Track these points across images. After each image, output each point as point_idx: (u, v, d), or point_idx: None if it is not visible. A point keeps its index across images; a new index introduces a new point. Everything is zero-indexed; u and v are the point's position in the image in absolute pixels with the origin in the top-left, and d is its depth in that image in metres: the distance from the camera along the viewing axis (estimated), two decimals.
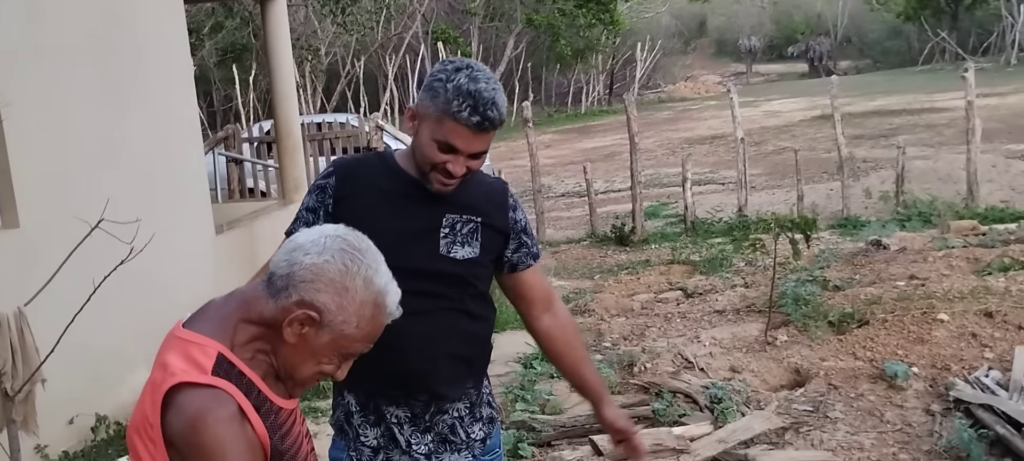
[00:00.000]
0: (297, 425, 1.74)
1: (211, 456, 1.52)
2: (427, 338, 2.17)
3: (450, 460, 2.31)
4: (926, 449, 4.50)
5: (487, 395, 2.40)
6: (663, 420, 5.11)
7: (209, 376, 1.55)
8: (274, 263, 1.65)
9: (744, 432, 4.43)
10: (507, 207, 2.29)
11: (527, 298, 2.37)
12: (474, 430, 2.33)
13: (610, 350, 6.48)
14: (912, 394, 5.04)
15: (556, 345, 2.40)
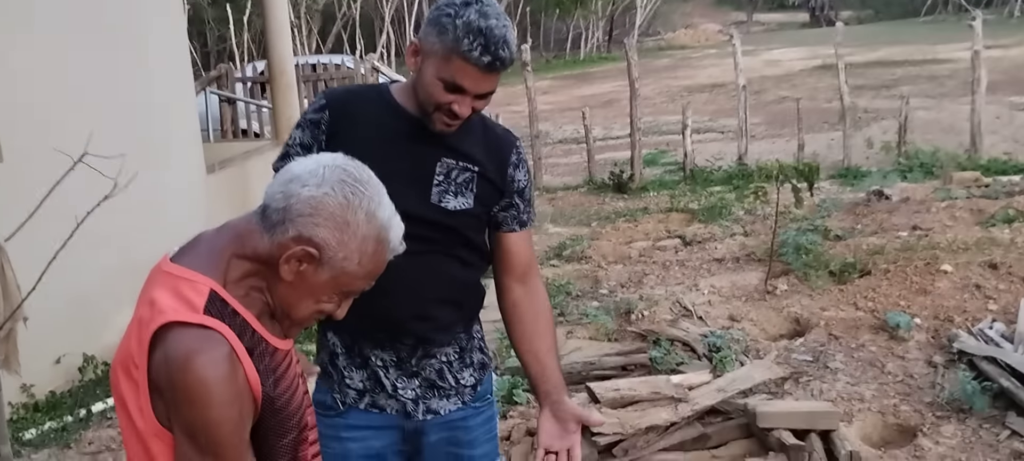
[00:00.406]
0: (292, 368, 1.63)
1: (194, 400, 1.42)
2: (415, 281, 2.05)
3: (438, 405, 2.21)
4: (928, 401, 4.43)
5: (479, 341, 2.29)
6: (660, 368, 5.03)
7: (201, 315, 1.45)
8: (268, 194, 1.53)
9: (744, 381, 4.34)
10: (508, 163, 2.14)
11: (503, 263, 2.21)
12: (464, 376, 2.22)
13: (607, 297, 6.40)
14: (914, 345, 4.96)
15: (523, 324, 2.20)
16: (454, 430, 2.24)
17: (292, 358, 1.66)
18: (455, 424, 2.24)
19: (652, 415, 4.13)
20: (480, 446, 2.29)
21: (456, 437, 2.25)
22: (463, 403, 2.23)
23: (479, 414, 2.27)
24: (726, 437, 4.18)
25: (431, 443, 2.25)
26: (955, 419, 4.23)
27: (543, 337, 2.18)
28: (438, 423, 2.23)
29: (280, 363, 1.58)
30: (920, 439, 4.15)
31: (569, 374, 5.04)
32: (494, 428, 2.35)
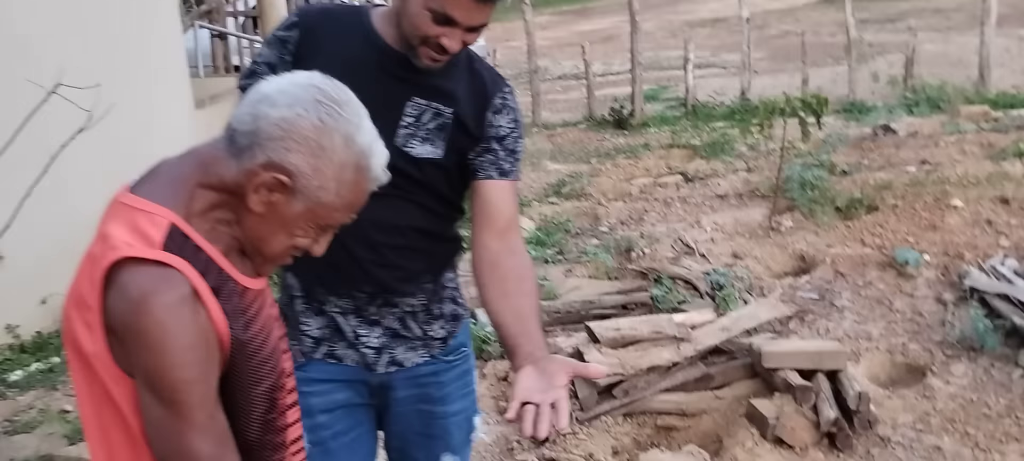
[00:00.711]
0: (265, 309, 1.48)
1: (151, 346, 1.27)
2: (373, 225, 1.87)
3: (404, 356, 2.05)
4: (938, 339, 4.30)
5: (452, 291, 2.11)
6: (662, 307, 4.90)
7: (159, 251, 1.29)
8: (235, 117, 1.37)
9: (749, 320, 4.21)
10: (489, 107, 1.93)
11: (480, 215, 1.96)
12: (433, 328, 2.06)
13: (607, 235, 6.25)
14: (923, 282, 4.83)
15: (504, 284, 1.89)
16: (424, 386, 2.09)
17: (265, 299, 1.50)
18: (425, 379, 2.09)
19: (653, 355, 4.01)
20: (454, 402, 2.14)
21: (427, 393, 2.10)
22: (432, 356, 2.07)
23: (452, 368, 2.12)
24: (730, 377, 4.06)
25: (399, 398, 2.09)
26: (966, 358, 4.11)
27: (527, 297, 1.89)
28: (405, 377, 2.07)
29: (251, 304, 1.43)
30: (929, 378, 4.03)
31: (567, 313, 4.92)
32: (470, 383, 2.20)
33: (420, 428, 2.14)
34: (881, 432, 3.62)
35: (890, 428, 3.65)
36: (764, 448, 3.60)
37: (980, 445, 3.50)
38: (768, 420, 3.64)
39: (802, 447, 3.59)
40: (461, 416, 2.17)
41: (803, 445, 3.59)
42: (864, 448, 3.55)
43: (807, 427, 3.61)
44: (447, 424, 2.14)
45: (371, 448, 2.19)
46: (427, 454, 2.17)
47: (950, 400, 3.83)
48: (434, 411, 2.13)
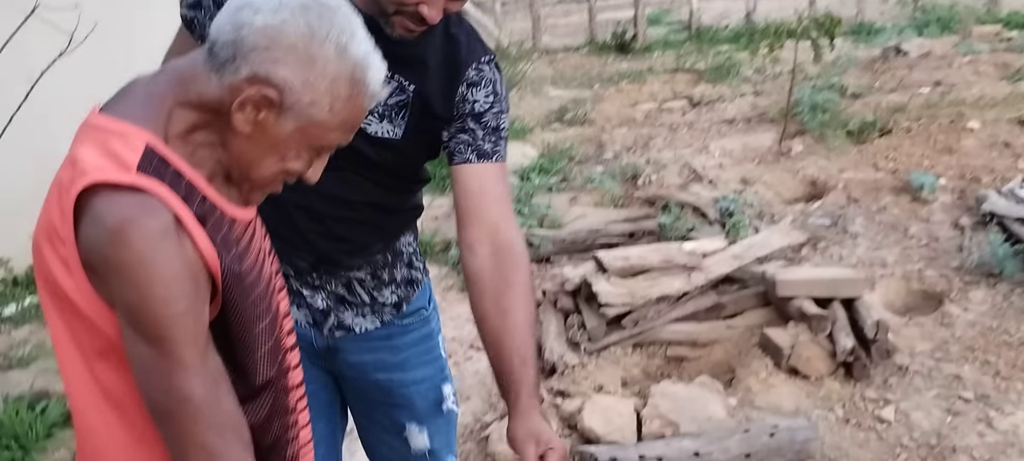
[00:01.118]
0: (256, 240, 1.34)
1: (132, 280, 1.14)
2: (320, 196, 1.68)
3: (352, 320, 1.91)
4: (955, 265, 4.19)
5: (409, 255, 1.95)
6: (670, 235, 4.78)
7: (133, 174, 1.15)
8: (215, 26, 1.22)
9: (761, 247, 4.09)
10: (460, 80, 1.67)
11: (460, 207, 1.70)
12: (383, 294, 1.91)
13: (612, 162, 6.10)
14: (939, 207, 4.70)
15: (492, 301, 1.64)
16: (377, 351, 1.94)
17: (256, 229, 1.37)
18: (377, 345, 1.94)
19: (663, 284, 3.89)
20: (415, 368, 1.99)
21: (381, 359, 1.95)
22: (382, 322, 1.92)
23: (408, 332, 1.97)
24: (742, 306, 3.95)
25: (351, 364, 1.93)
26: (984, 284, 4.00)
27: (519, 327, 1.62)
28: (355, 342, 1.93)
29: (241, 235, 1.29)
30: (947, 305, 3.92)
31: (572, 243, 4.79)
32: (433, 349, 2.03)
33: (379, 396, 2.00)
34: (899, 361, 3.52)
35: (908, 357, 3.55)
36: (778, 378, 3.51)
37: (1001, 373, 3.41)
38: (783, 350, 3.54)
39: (817, 377, 3.49)
40: (425, 385, 2.00)
41: (818, 375, 3.50)
42: (881, 378, 3.45)
43: (823, 357, 3.51)
44: (408, 393, 1.99)
45: (328, 410, 2.04)
46: (391, 423, 2.03)
47: (969, 328, 3.72)
48: (392, 378, 1.97)
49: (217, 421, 1.22)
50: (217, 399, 1.23)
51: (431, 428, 2.05)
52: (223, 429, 1.23)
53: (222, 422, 1.23)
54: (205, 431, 1.21)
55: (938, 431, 3.15)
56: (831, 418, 3.30)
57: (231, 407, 1.26)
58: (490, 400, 3.61)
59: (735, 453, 3.00)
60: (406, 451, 2.07)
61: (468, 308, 1.77)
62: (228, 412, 1.25)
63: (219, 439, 1.22)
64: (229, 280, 1.24)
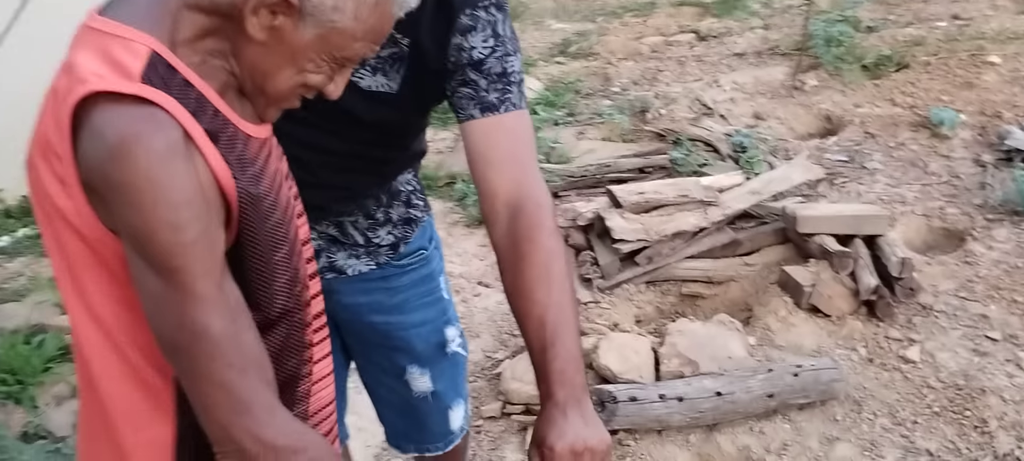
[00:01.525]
0: (273, 161, 1.21)
1: (138, 203, 1.01)
2: (303, 146, 1.51)
3: (345, 262, 1.78)
4: (977, 203, 4.07)
5: (408, 194, 1.81)
6: (681, 170, 4.64)
7: (137, 84, 1.02)
8: None
9: (780, 183, 3.96)
10: (454, 28, 1.47)
11: (475, 172, 1.47)
12: (377, 235, 1.78)
13: (620, 96, 5.93)
14: (959, 143, 4.56)
15: (514, 275, 1.39)
16: (373, 293, 1.82)
17: (272, 148, 1.23)
18: (372, 286, 1.81)
19: (679, 220, 3.77)
20: (414, 311, 1.86)
21: (377, 301, 1.82)
22: (377, 264, 1.80)
23: (407, 272, 1.84)
24: (759, 243, 3.84)
25: (345, 306, 1.80)
26: (1008, 222, 3.89)
27: (531, 297, 1.36)
28: (349, 284, 1.79)
29: (256, 154, 1.16)
30: (970, 244, 3.81)
31: (582, 178, 4.65)
32: (434, 290, 1.90)
33: (378, 339, 1.88)
34: (922, 300, 3.42)
35: (931, 296, 3.45)
36: (799, 317, 3.41)
37: None
38: (803, 288, 3.43)
39: (839, 316, 3.39)
40: (426, 327, 1.89)
41: (840, 314, 3.40)
42: (905, 317, 3.35)
43: (845, 295, 3.41)
44: (408, 336, 1.87)
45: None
46: (391, 365, 1.92)
47: (994, 266, 3.61)
48: (390, 321, 1.85)
49: (237, 357, 1.10)
50: (236, 333, 1.11)
51: (434, 371, 1.95)
52: (245, 366, 1.11)
53: (243, 358, 1.11)
54: (224, 368, 1.09)
55: (965, 372, 3.05)
56: (854, 358, 3.20)
57: (252, 342, 1.13)
58: (500, 337, 3.51)
59: (758, 393, 2.90)
60: (408, 393, 1.96)
61: (475, 243, 1.66)
62: (249, 347, 1.13)
63: (240, 377, 1.10)
64: (245, 204, 1.11)
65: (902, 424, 2.86)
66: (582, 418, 1.31)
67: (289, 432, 1.14)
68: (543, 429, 1.31)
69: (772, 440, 2.83)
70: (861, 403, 2.96)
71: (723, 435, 2.86)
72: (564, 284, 1.38)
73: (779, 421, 2.90)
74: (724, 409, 2.88)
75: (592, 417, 1.33)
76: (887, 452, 2.74)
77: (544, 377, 1.33)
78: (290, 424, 1.16)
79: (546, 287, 1.36)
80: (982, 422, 2.80)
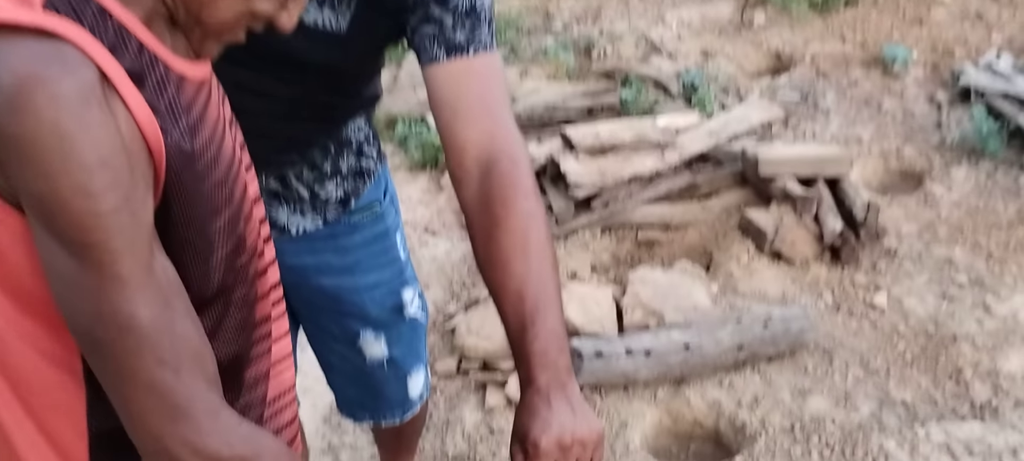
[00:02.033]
0: (213, 107, 0.97)
1: (42, 164, 0.79)
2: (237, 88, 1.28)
3: (287, 219, 1.58)
4: (934, 143, 3.99)
5: (359, 142, 1.61)
6: (632, 110, 4.46)
7: (39, 12, 0.79)
8: None
9: (739, 123, 3.81)
10: None
11: (439, 123, 1.28)
12: (325, 188, 1.57)
13: (562, 33, 5.70)
14: (912, 82, 4.47)
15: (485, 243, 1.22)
16: (320, 253, 1.62)
17: (213, 93, 0.99)
18: (320, 246, 1.61)
19: (636, 163, 3.60)
20: (367, 272, 1.67)
21: (326, 262, 1.63)
22: (326, 221, 1.59)
23: (358, 230, 1.64)
24: (717, 186, 3.70)
25: (289, 267, 1.56)
26: (966, 162, 3.82)
27: (508, 268, 1.18)
28: (293, 244, 1.59)
29: (193, 99, 0.92)
30: (928, 185, 3.74)
31: (529, 119, 4.44)
32: (390, 248, 1.70)
33: (327, 303, 1.68)
34: (886, 243, 3.32)
35: (895, 239, 3.36)
36: (761, 263, 3.28)
37: (994, 256, 3.24)
38: (765, 233, 3.31)
39: (803, 261, 3.28)
40: (380, 290, 1.69)
41: (804, 259, 3.28)
42: (870, 262, 3.26)
43: (808, 240, 3.29)
44: (360, 300, 1.68)
45: None
46: (342, 331, 1.73)
47: (955, 208, 3.54)
48: (341, 284, 1.65)
49: (171, 353, 0.88)
50: (170, 323, 0.88)
51: (390, 336, 1.75)
52: (180, 363, 0.88)
53: (178, 353, 0.88)
54: (153, 366, 0.86)
55: (935, 318, 2.97)
56: (821, 305, 3.10)
57: (189, 332, 0.90)
58: (451, 288, 3.31)
59: (727, 345, 2.77)
60: (361, 361, 1.76)
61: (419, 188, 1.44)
62: (186, 339, 0.90)
63: (174, 377, 0.88)
64: (176, 162, 0.87)
65: (875, 373, 2.76)
66: (569, 406, 1.14)
67: (237, 439, 0.92)
68: (526, 421, 1.14)
69: (743, 393, 2.70)
70: (831, 353, 2.85)
71: (692, 389, 2.73)
72: (544, 251, 1.21)
73: (749, 373, 2.78)
74: (693, 362, 2.74)
75: (580, 404, 1.16)
76: (862, 404, 2.64)
77: (524, 359, 1.16)
78: (237, 429, 0.93)
79: (524, 256, 1.19)
80: (957, 371, 2.72)
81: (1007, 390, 2.63)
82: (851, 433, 2.51)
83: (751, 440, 2.53)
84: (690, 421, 2.69)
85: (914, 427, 2.52)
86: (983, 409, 2.57)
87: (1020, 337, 2.84)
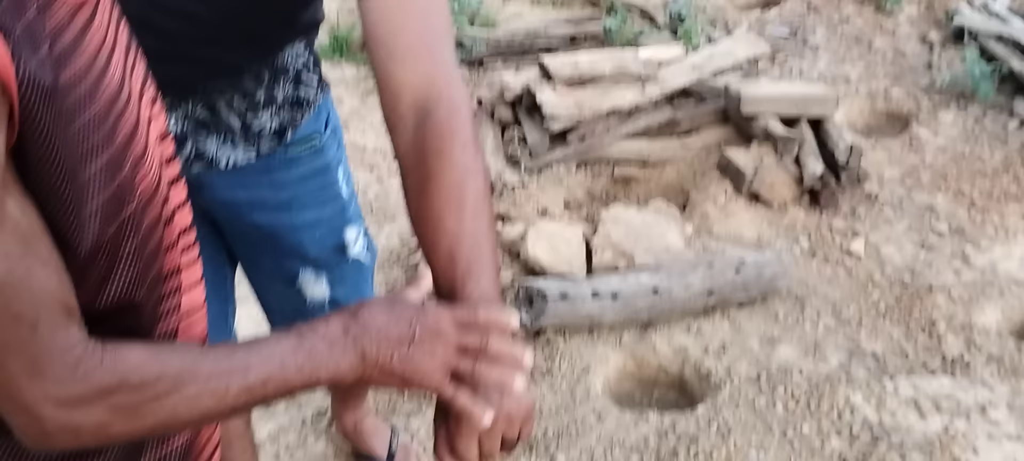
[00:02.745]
0: (95, 30, 0.84)
1: None
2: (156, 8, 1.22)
3: (216, 151, 1.46)
4: (923, 84, 3.87)
5: (297, 70, 1.49)
6: (616, 40, 4.32)
7: None
8: None
9: (724, 58, 3.68)
10: None
11: (374, 64, 1.15)
12: (258, 119, 1.45)
13: None
14: (905, 20, 4.34)
15: (409, 204, 1.12)
16: (254, 188, 1.51)
17: (98, 15, 0.86)
18: (252, 180, 1.50)
19: (615, 96, 3.48)
20: (305, 209, 1.56)
21: (260, 198, 1.52)
22: (259, 154, 1.48)
23: (295, 164, 1.53)
24: (698, 123, 3.58)
25: (221, 203, 1.49)
26: (955, 105, 3.71)
27: (440, 226, 1.08)
28: (223, 177, 1.48)
29: (63, 24, 0.80)
30: (915, 128, 3.63)
31: (509, 45, 4.30)
32: (333, 184, 1.59)
33: (263, 241, 1.59)
34: (867, 188, 3.23)
35: (876, 184, 3.27)
36: (738, 205, 3.19)
37: (976, 204, 3.16)
38: (744, 173, 3.21)
39: (781, 204, 3.19)
40: (320, 228, 1.60)
41: (782, 202, 3.19)
42: (849, 207, 3.17)
43: (788, 182, 3.20)
44: (298, 238, 1.58)
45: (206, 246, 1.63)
46: (279, 270, 1.64)
47: (940, 153, 3.44)
48: (277, 221, 1.55)
49: (28, 305, 0.77)
50: (28, 273, 0.77)
51: (332, 276, 1.65)
52: (36, 314, 0.78)
53: (35, 304, 0.78)
54: (8, 324, 0.76)
55: (912, 267, 2.90)
56: (796, 250, 3.02)
57: (49, 282, 0.79)
58: None
59: (697, 290, 2.69)
60: (300, 302, 1.66)
61: None
62: (44, 288, 0.79)
63: (30, 331, 0.77)
64: (31, 97, 0.74)
65: (847, 323, 2.69)
66: None
67: (98, 374, 0.81)
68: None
69: (710, 340, 2.63)
70: (803, 300, 2.78)
71: (658, 334, 2.66)
72: (480, 209, 1.10)
73: (718, 319, 2.71)
74: (661, 307, 2.67)
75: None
76: (831, 354, 2.57)
77: (470, 280, 1.07)
78: (99, 366, 0.83)
79: (457, 213, 1.08)
80: (930, 323, 2.65)
81: (980, 345, 2.57)
82: (818, 385, 2.45)
83: (715, 389, 2.47)
84: (655, 367, 2.62)
85: (883, 380, 2.45)
86: (954, 364, 2.51)
87: (997, 290, 2.76)
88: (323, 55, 4.08)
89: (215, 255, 1.66)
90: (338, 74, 4.07)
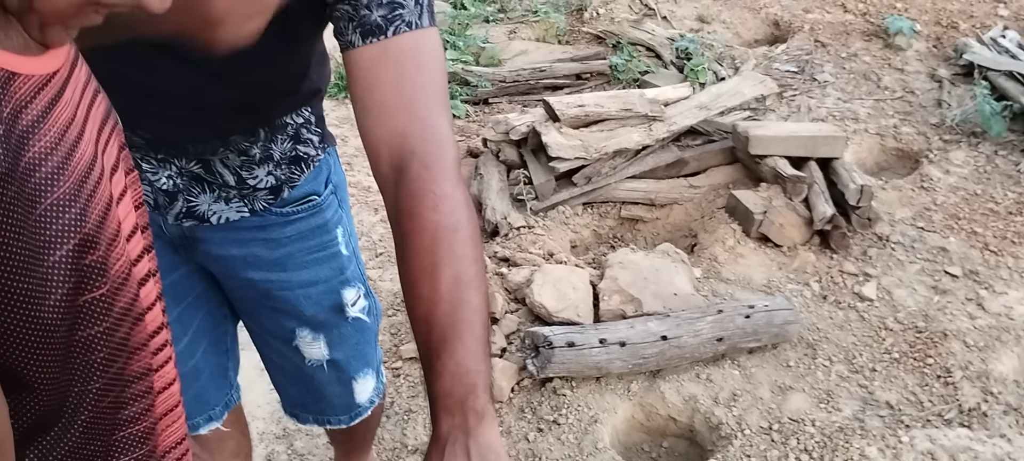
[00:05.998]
0: (64, 106, 0.77)
1: None
2: (148, 75, 1.18)
3: (209, 207, 1.42)
4: (933, 122, 3.83)
5: (297, 127, 1.43)
6: (622, 77, 4.31)
7: None
8: None
9: (731, 97, 3.64)
10: None
11: (358, 124, 1.12)
12: (254, 175, 1.40)
13: None
14: (914, 56, 4.30)
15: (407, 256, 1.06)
16: (248, 245, 1.46)
17: (68, 90, 0.80)
18: (247, 236, 1.46)
19: (621, 137, 3.44)
20: (301, 269, 1.51)
21: (254, 255, 1.47)
22: (253, 211, 1.43)
23: (291, 222, 1.47)
24: (706, 163, 3.55)
25: (215, 258, 1.45)
26: (966, 144, 3.66)
27: (429, 288, 1.03)
28: (217, 233, 1.44)
29: (25, 100, 0.73)
30: (925, 167, 3.58)
31: (515, 83, 4.28)
32: (331, 243, 1.53)
33: (258, 297, 1.54)
34: (878, 230, 3.18)
35: (887, 225, 3.22)
36: (747, 247, 3.14)
37: (990, 246, 3.10)
38: (753, 215, 3.16)
39: (791, 247, 3.14)
40: (316, 288, 1.54)
41: (792, 244, 3.14)
42: (860, 249, 3.12)
43: (797, 224, 3.15)
44: (293, 297, 1.53)
45: (204, 301, 1.58)
46: (277, 328, 1.59)
47: (951, 193, 3.39)
48: (271, 279, 1.50)
49: None
50: None
51: (330, 337, 1.60)
52: None
53: None
54: None
55: (925, 312, 2.84)
56: (807, 294, 2.96)
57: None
58: None
59: (706, 337, 2.64)
60: (299, 360, 1.62)
61: None
62: None
63: None
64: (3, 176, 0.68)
65: (860, 371, 2.63)
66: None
67: None
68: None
69: (721, 389, 2.58)
70: (815, 346, 2.72)
71: (667, 383, 2.60)
72: (460, 268, 1.04)
73: (728, 367, 2.65)
74: (669, 354, 2.61)
75: (487, 454, 0.98)
76: (844, 404, 2.51)
77: (429, 398, 1.01)
78: None
79: (430, 278, 1.03)
80: (945, 371, 2.59)
81: (997, 394, 2.51)
82: (831, 436, 2.39)
83: (726, 440, 2.41)
84: (664, 417, 2.56)
85: (898, 432, 2.39)
86: (971, 414, 2.45)
87: (1013, 337, 2.71)
88: (329, 94, 4.06)
89: (215, 309, 1.62)
90: (343, 113, 4.04)
